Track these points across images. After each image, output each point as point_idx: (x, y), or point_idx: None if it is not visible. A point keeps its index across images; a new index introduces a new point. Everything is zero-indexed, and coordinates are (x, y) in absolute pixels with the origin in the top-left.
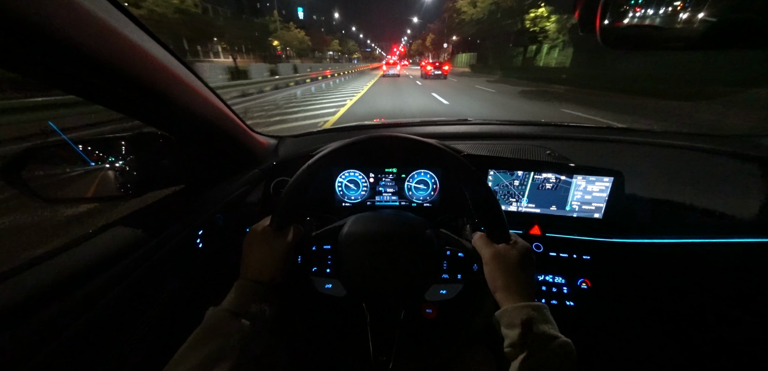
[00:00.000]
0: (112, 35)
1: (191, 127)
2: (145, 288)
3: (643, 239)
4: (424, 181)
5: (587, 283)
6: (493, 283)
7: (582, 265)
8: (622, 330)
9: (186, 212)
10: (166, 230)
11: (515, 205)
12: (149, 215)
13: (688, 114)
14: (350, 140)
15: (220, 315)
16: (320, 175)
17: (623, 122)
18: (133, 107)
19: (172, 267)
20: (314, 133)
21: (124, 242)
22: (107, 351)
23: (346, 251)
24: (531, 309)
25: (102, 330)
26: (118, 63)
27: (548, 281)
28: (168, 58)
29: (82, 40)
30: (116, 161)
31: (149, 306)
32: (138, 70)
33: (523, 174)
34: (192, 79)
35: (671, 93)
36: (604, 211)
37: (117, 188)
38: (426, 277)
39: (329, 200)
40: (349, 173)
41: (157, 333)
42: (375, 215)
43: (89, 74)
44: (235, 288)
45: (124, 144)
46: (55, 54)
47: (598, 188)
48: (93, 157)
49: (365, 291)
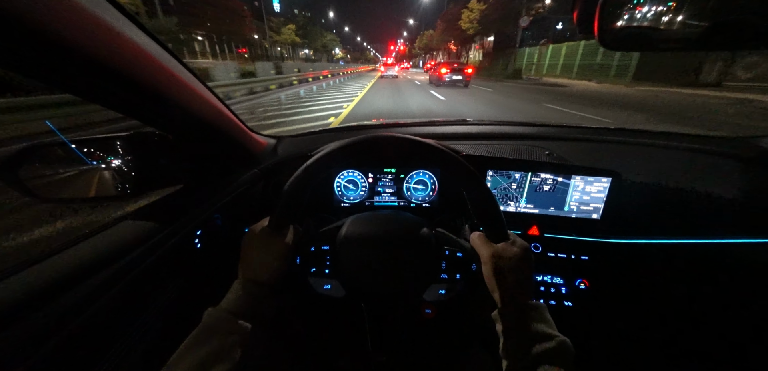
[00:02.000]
0: (110, 34)
1: (190, 126)
2: (143, 288)
3: (641, 239)
4: (423, 181)
5: (585, 283)
6: (491, 282)
7: (580, 265)
8: (621, 330)
9: (184, 212)
10: (165, 230)
11: (514, 205)
12: (147, 215)
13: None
14: (349, 141)
15: (219, 315)
16: (319, 176)
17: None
18: (131, 107)
19: (170, 267)
20: (313, 133)
21: (122, 242)
22: (105, 352)
23: (345, 251)
24: (529, 308)
25: (100, 330)
26: (116, 62)
27: (547, 281)
28: (166, 57)
29: (80, 38)
30: (114, 160)
31: (147, 306)
32: (136, 69)
33: (522, 175)
34: (190, 78)
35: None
36: (603, 211)
37: (115, 187)
38: (425, 277)
39: (328, 200)
40: (348, 174)
41: (155, 333)
42: (374, 215)
43: (87, 73)
44: (234, 289)
45: (122, 144)
46: (52, 53)
47: (596, 188)
48: (91, 156)
49: (364, 291)
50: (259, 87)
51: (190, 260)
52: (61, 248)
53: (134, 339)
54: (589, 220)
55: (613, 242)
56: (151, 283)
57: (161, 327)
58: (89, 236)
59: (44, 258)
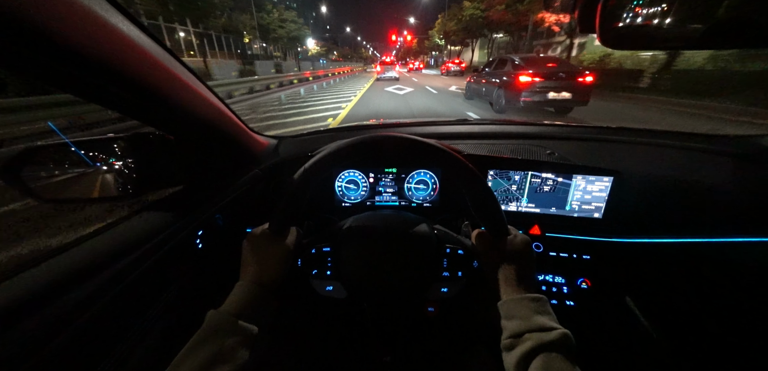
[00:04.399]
0: (110, 34)
1: (190, 127)
2: (144, 288)
3: (642, 238)
4: (424, 181)
5: (587, 283)
6: (492, 276)
7: (582, 265)
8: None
9: (185, 212)
10: (166, 231)
11: (515, 205)
12: (148, 216)
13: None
14: (349, 141)
15: (221, 317)
16: (319, 177)
17: None
18: (131, 107)
19: (171, 268)
20: (314, 133)
21: (123, 243)
22: (107, 353)
23: (346, 252)
24: (530, 300)
25: (101, 331)
26: (117, 62)
27: (548, 280)
28: (166, 57)
29: (80, 38)
30: (115, 161)
31: (149, 307)
32: (136, 69)
33: (523, 174)
34: (191, 78)
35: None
36: (604, 211)
37: (116, 188)
38: (426, 276)
39: (329, 200)
40: (348, 174)
41: (156, 333)
42: (375, 215)
43: (87, 73)
44: (236, 291)
45: (122, 144)
46: (52, 53)
47: (597, 187)
48: (92, 157)
49: (366, 292)
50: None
51: (192, 261)
52: (61, 249)
53: (136, 339)
54: (590, 219)
55: (615, 241)
56: (153, 284)
57: (163, 328)
58: (90, 237)
59: (45, 259)
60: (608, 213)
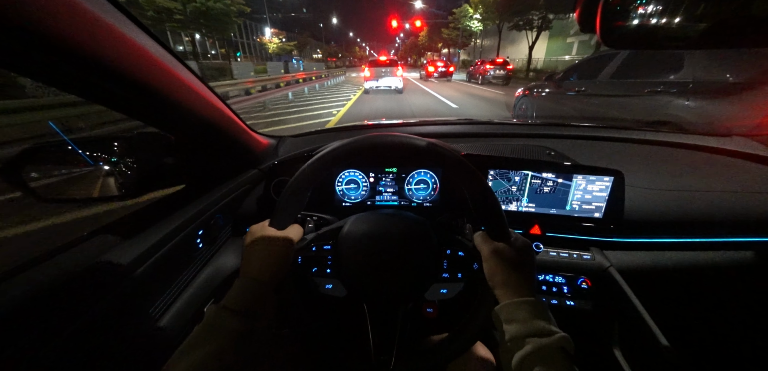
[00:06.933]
0: (111, 34)
1: (191, 127)
2: (145, 287)
3: (643, 238)
4: (424, 181)
5: (587, 283)
6: (492, 279)
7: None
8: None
9: (186, 211)
10: (167, 230)
11: (515, 205)
12: (149, 216)
13: None
14: (350, 141)
15: (221, 313)
16: (319, 176)
17: None
18: (133, 107)
19: (172, 267)
20: (315, 133)
21: (124, 243)
22: (107, 351)
23: (347, 251)
24: (529, 305)
25: (102, 330)
26: (118, 63)
27: (548, 280)
28: (168, 57)
29: (81, 39)
30: (116, 161)
31: (149, 306)
32: (137, 69)
33: (523, 174)
34: (192, 79)
35: None
36: (604, 210)
37: (117, 188)
38: (426, 276)
39: (329, 200)
40: (349, 173)
41: (157, 332)
42: (375, 214)
43: (89, 74)
44: (235, 287)
45: (124, 144)
46: (55, 54)
47: (598, 187)
48: (93, 157)
49: (366, 291)
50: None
51: (193, 260)
52: (62, 249)
53: (136, 337)
54: (591, 219)
55: (616, 241)
56: (153, 283)
57: (163, 326)
58: (91, 236)
59: (45, 259)
60: (609, 213)
